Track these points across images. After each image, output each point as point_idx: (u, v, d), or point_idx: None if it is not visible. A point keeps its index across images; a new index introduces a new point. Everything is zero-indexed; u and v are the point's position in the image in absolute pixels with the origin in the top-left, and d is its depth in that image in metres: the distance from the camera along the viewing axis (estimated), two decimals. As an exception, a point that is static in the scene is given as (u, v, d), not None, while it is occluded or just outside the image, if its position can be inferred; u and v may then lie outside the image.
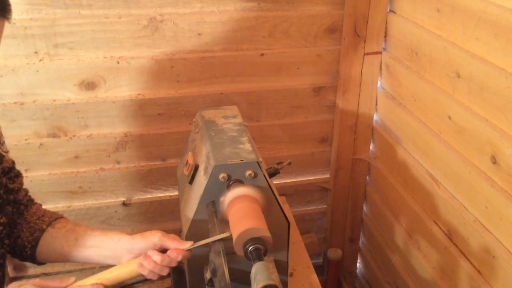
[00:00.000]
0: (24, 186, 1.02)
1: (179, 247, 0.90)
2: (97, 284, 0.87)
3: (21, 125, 1.42)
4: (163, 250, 0.91)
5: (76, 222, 0.99)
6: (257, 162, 0.99)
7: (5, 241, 0.91)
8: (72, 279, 0.87)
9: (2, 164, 0.93)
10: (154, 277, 0.90)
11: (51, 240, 0.95)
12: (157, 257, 0.88)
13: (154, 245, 0.91)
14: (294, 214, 1.62)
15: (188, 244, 0.91)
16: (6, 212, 0.93)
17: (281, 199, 1.54)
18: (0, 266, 0.91)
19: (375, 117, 1.65)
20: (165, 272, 0.90)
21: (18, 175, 0.99)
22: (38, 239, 0.95)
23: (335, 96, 1.62)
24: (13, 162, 0.98)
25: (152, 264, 0.88)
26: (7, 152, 0.96)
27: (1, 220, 0.90)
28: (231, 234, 0.88)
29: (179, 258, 0.90)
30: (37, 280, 0.83)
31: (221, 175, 0.98)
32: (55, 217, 0.99)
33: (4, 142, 0.96)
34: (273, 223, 1.01)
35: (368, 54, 1.53)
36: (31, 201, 1.02)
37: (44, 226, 0.96)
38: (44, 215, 0.99)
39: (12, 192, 0.96)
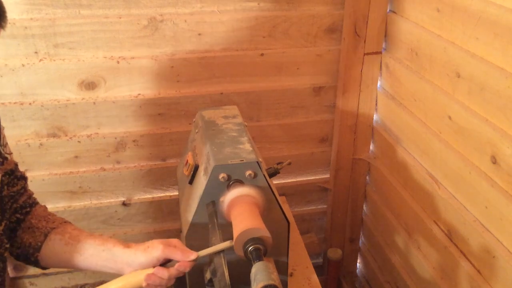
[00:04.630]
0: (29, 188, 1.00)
1: (185, 260, 0.89)
2: None
3: (21, 125, 1.42)
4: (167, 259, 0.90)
5: (79, 228, 0.98)
6: (257, 162, 0.99)
7: (6, 245, 0.89)
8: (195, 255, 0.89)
9: (3, 166, 0.91)
10: None
11: (54, 246, 0.94)
12: (163, 273, 0.87)
13: (157, 260, 0.89)
14: (294, 214, 1.62)
15: (193, 256, 0.89)
16: (7, 217, 0.91)
17: (281, 199, 1.55)
18: (1, 271, 0.88)
19: (375, 117, 1.65)
20: (171, 283, 0.89)
21: (21, 177, 0.97)
22: (41, 244, 0.93)
23: (335, 96, 1.62)
24: (16, 165, 0.96)
25: (159, 281, 0.88)
26: (10, 154, 0.94)
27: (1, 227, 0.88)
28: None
29: (187, 270, 0.89)
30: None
31: (221, 175, 0.98)
32: (58, 222, 0.97)
33: (7, 143, 0.94)
34: (273, 223, 1.01)
35: (368, 54, 1.53)
36: (35, 203, 1.00)
37: (47, 232, 0.94)
38: (48, 219, 0.97)
39: (14, 196, 0.94)
